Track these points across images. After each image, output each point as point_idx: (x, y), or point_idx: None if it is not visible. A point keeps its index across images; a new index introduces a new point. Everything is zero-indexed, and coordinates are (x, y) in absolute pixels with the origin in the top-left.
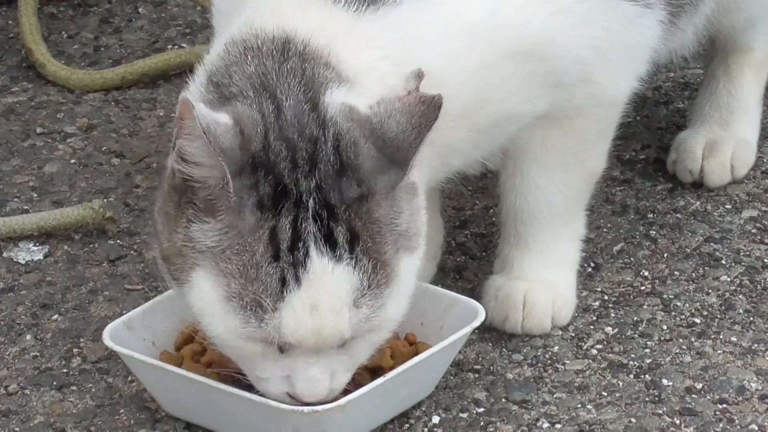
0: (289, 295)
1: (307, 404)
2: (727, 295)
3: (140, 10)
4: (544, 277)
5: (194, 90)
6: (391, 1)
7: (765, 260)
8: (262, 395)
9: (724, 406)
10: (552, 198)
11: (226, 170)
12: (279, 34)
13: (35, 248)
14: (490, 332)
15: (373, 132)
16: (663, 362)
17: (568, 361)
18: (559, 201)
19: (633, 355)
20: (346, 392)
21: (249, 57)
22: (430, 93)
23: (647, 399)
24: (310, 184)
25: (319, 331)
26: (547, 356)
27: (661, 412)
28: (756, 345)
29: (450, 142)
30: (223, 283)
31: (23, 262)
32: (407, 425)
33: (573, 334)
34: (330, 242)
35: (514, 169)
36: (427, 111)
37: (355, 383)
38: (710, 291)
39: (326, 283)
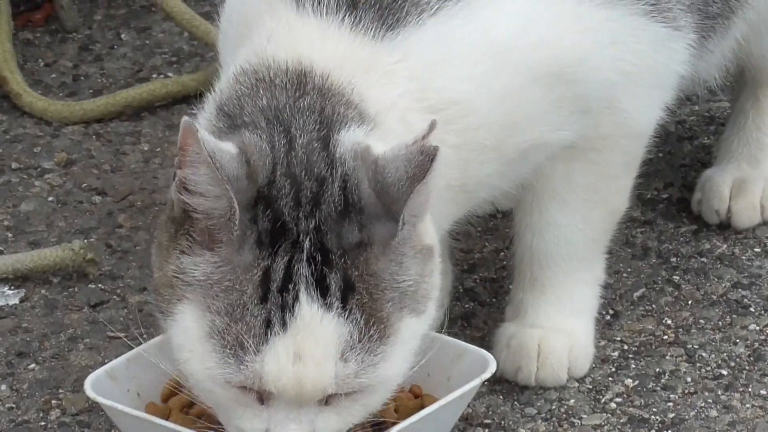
0: (273, 339)
1: None
2: (756, 345)
3: (123, 36)
4: (560, 325)
5: (203, 119)
6: (413, 23)
7: None
8: None
9: None
10: (572, 238)
11: (234, 201)
12: (293, 65)
13: (10, 292)
14: (500, 384)
15: (375, 176)
16: (687, 417)
17: (585, 416)
18: (579, 241)
19: (655, 410)
20: None
21: (261, 89)
22: (430, 143)
23: None
24: (309, 225)
25: (300, 382)
26: (562, 410)
27: None
28: None
29: (478, 178)
30: (207, 318)
31: None
32: None
33: (590, 387)
34: (322, 288)
35: (533, 205)
36: (423, 161)
37: None
38: (738, 341)
39: (313, 332)
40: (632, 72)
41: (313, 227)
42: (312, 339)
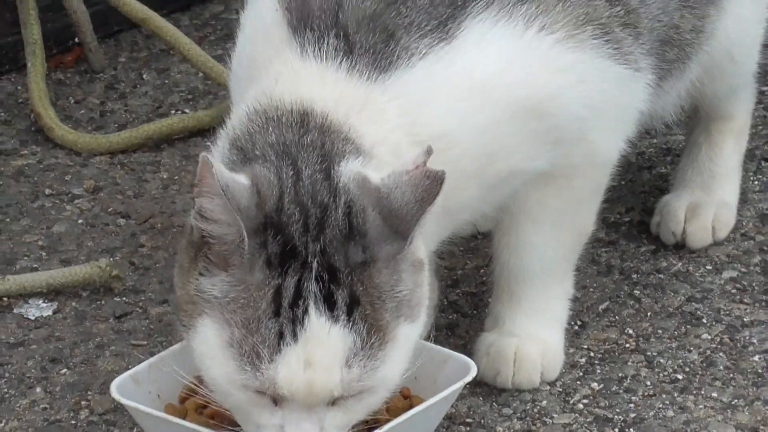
0: (285, 349)
1: None
2: (708, 352)
3: (144, 76)
4: (534, 334)
5: (217, 153)
6: (403, 66)
7: (744, 319)
8: None
9: None
10: (545, 256)
11: (242, 228)
12: (298, 106)
13: (44, 305)
14: (480, 387)
15: (380, 201)
16: (647, 417)
17: (555, 415)
18: (552, 259)
19: (618, 410)
20: None
21: (270, 127)
22: (435, 168)
23: None
24: (316, 248)
25: (310, 386)
26: (535, 410)
27: None
28: (736, 400)
29: (461, 202)
30: (226, 331)
31: (33, 318)
32: None
33: (561, 389)
34: (329, 303)
35: (510, 227)
36: (431, 185)
37: None
38: (692, 348)
39: (321, 342)
40: (598, 108)
41: (320, 249)
42: (320, 348)
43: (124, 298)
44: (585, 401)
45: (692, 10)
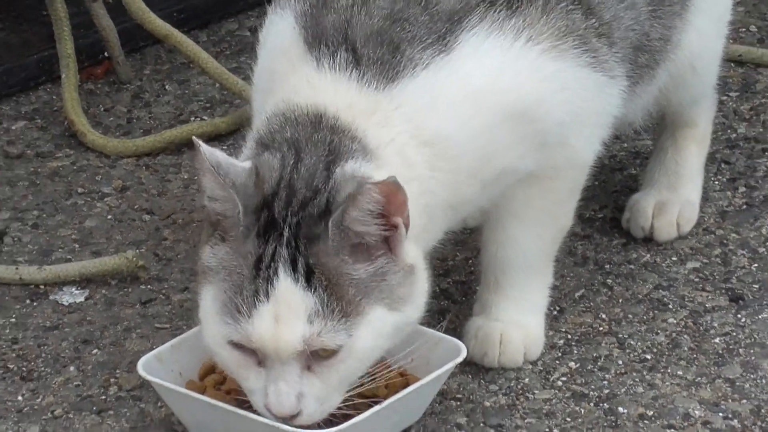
0: (259, 306)
1: (285, 421)
2: (674, 335)
3: (167, 87)
4: (518, 320)
5: (245, 150)
6: (408, 75)
7: (706, 305)
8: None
9: (672, 431)
10: (528, 250)
11: (238, 203)
12: (312, 110)
13: (77, 292)
14: (470, 366)
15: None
16: (619, 393)
17: (537, 391)
18: (534, 252)
19: (593, 387)
20: (347, 418)
21: (287, 126)
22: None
23: (605, 424)
24: (293, 220)
25: (278, 338)
26: (519, 387)
27: None
28: (699, 378)
29: (464, 197)
30: (220, 296)
31: (67, 304)
32: None
33: (541, 368)
34: (294, 268)
35: (497, 223)
36: (349, 195)
37: (356, 410)
38: (659, 331)
39: (286, 300)
40: (578, 113)
41: (296, 222)
42: (285, 305)
43: (148, 286)
44: (563, 379)
45: (660, 20)
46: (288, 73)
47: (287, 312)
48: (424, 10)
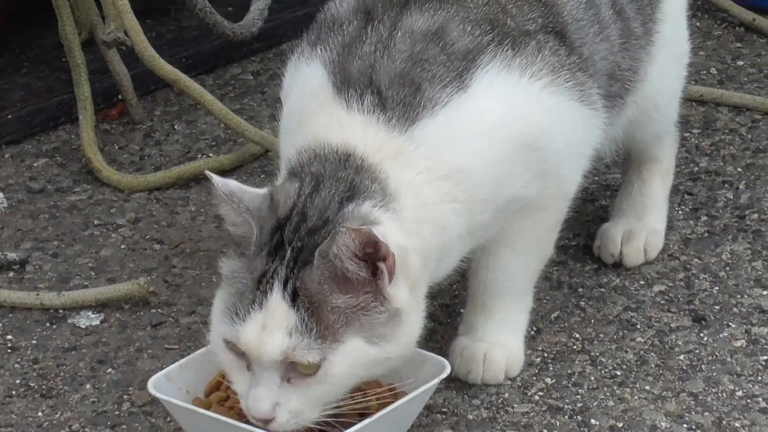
0: (253, 313)
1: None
2: (642, 353)
3: (176, 127)
4: (501, 340)
5: (279, 178)
6: (428, 115)
7: (671, 325)
8: None
9: None
10: (516, 276)
11: (253, 226)
12: (342, 149)
13: (93, 316)
14: (454, 382)
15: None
16: (591, 406)
17: (516, 405)
18: (521, 278)
19: (567, 401)
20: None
21: (316, 161)
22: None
23: None
24: (297, 244)
25: (260, 344)
26: (499, 401)
27: None
28: (665, 392)
29: (480, 223)
30: (226, 300)
31: (84, 327)
32: None
33: (520, 384)
34: (285, 286)
35: (489, 251)
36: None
37: (346, 425)
38: (628, 349)
39: (274, 313)
40: (571, 144)
41: (300, 246)
42: (272, 317)
43: (159, 310)
44: (540, 393)
45: (629, 52)
46: (318, 113)
47: (272, 323)
48: (441, 50)
